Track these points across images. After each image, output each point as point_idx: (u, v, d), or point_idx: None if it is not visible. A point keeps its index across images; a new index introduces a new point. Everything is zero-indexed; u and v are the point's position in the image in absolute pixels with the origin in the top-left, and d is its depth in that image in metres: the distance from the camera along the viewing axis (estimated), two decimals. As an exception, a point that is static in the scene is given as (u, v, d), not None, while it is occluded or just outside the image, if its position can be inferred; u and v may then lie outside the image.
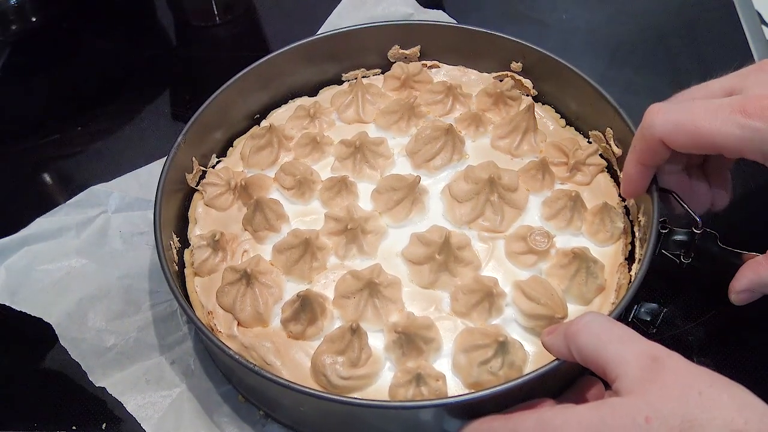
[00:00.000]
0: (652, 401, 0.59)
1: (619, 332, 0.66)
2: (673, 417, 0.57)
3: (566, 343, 0.69)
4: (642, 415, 0.58)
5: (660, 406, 0.58)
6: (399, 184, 0.92)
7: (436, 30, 1.12)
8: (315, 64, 1.11)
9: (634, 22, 1.37)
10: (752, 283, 0.79)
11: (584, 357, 0.67)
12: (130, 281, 0.97)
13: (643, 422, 0.58)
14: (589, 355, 0.66)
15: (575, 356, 0.68)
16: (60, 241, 0.99)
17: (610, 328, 0.67)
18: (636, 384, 0.61)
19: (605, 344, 0.65)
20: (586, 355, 0.67)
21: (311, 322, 0.83)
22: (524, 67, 1.08)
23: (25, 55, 1.39)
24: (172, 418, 0.85)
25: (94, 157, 1.20)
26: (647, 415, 0.58)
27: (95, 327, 0.92)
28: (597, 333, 0.67)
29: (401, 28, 1.12)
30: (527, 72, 1.08)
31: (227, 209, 0.97)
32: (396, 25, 1.12)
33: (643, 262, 0.80)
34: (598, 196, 0.95)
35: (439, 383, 0.77)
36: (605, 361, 0.64)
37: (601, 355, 0.65)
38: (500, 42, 1.07)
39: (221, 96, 1.01)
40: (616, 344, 0.65)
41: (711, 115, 0.73)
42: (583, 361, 0.68)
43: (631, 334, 0.66)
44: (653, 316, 0.83)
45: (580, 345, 0.67)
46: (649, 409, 0.58)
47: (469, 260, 0.87)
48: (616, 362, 0.63)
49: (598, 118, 1.00)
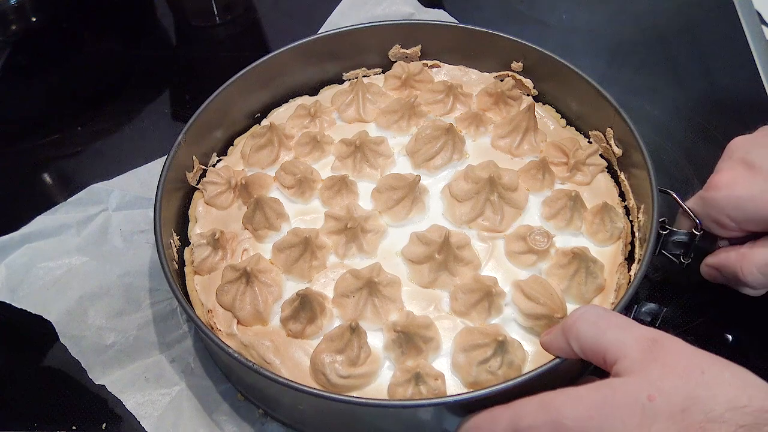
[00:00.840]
0: (654, 380, 0.59)
1: (617, 320, 0.67)
2: (676, 394, 0.57)
3: (565, 336, 0.69)
4: (645, 394, 0.58)
5: (662, 384, 0.58)
6: (399, 184, 0.92)
7: (437, 30, 1.12)
8: (315, 63, 1.11)
9: (634, 22, 1.37)
10: (720, 262, 0.83)
11: (583, 346, 0.67)
12: (130, 279, 0.97)
13: (646, 401, 0.58)
14: (587, 344, 0.66)
15: (574, 348, 0.68)
16: (60, 238, 0.99)
17: (608, 316, 0.67)
18: (637, 364, 0.61)
19: (604, 331, 0.65)
20: (585, 344, 0.67)
21: (311, 320, 0.83)
22: (525, 67, 1.08)
23: (25, 55, 1.39)
24: (171, 416, 0.85)
25: (94, 157, 1.20)
26: (650, 393, 0.58)
27: (95, 325, 0.92)
28: (594, 321, 0.67)
29: (402, 27, 1.12)
30: (528, 72, 1.08)
31: (227, 208, 0.97)
32: (397, 25, 1.12)
33: (643, 263, 0.80)
34: (598, 196, 0.95)
35: (438, 382, 0.77)
36: (605, 348, 0.64)
37: (600, 342, 0.65)
38: (501, 42, 1.08)
39: (222, 95, 1.01)
40: (614, 330, 0.65)
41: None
42: (582, 352, 0.68)
43: (629, 321, 0.66)
44: (653, 317, 0.83)
45: (579, 334, 0.67)
46: (652, 387, 0.58)
47: (468, 260, 0.87)
48: (616, 346, 0.63)
49: (598, 118, 1.00)
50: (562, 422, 0.61)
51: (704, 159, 1.07)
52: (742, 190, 0.79)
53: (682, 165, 1.09)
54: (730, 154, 0.83)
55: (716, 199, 0.81)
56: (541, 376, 0.72)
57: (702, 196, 0.83)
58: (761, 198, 0.77)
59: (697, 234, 0.84)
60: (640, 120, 0.92)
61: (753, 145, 0.82)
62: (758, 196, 0.78)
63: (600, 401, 0.60)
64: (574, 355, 0.69)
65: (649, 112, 1.17)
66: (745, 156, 0.81)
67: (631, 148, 0.93)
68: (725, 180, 0.80)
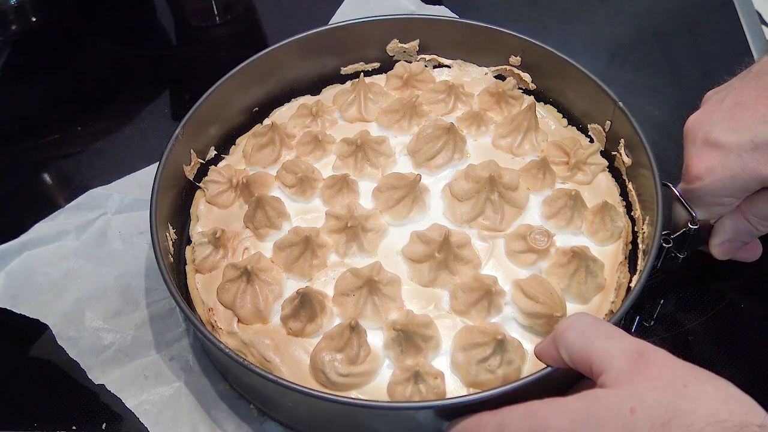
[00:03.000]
0: (636, 392, 0.59)
1: (606, 329, 0.66)
2: (658, 407, 0.57)
3: (555, 345, 0.69)
4: (627, 406, 0.58)
5: (645, 397, 0.58)
6: (400, 183, 0.92)
7: (435, 24, 1.11)
8: (314, 57, 1.11)
9: (634, 22, 1.37)
10: (726, 229, 0.85)
11: (571, 355, 0.67)
12: (128, 280, 0.97)
13: (627, 413, 0.58)
14: (575, 353, 0.66)
15: (563, 357, 0.68)
16: (59, 244, 0.99)
17: (596, 326, 0.67)
18: (622, 376, 0.61)
19: (591, 340, 0.65)
20: (573, 353, 0.67)
21: (311, 319, 0.83)
22: (523, 62, 1.08)
23: (25, 55, 1.39)
24: (170, 413, 0.85)
25: (94, 157, 1.20)
26: (632, 405, 0.58)
27: (93, 326, 0.92)
28: (583, 330, 0.67)
29: (400, 22, 1.12)
30: (526, 67, 1.08)
31: (229, 207, 0.97)
32: (395, 19, 1.12)
33: (643, 275, 0.80)
34: (599, 195, 0.95)
35: (438, 381, 0.77)
36: (590, 357, 0.64)
37: (587, 351, 0.65)
38: (499, 36, 1.08)
39: (220, 89, 1.01)
40: (602, 340, 0.65)
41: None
42: (570, 360, 0.67)
43: (618, 331, 0.66)
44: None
45: (568, 343, 0.67)
46: (634, 399, 0.58)
47: (468, 259, 0.87)
48: (602, 357, 0.63)
49: (597, 112, 1.00)
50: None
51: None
52: (722, 172, 0.79)
53: (682, 164, 1.09)
54: (692, 138, 0.84)
55: (702, 188, 0.81)
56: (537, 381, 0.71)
57: (687, 189, 0.84)
58: (743, 172, 0.78)
59: (693, 228, 0.84)
60: (640, 120, 0.93)
61: (709, 123, 0.82)
62: (738, 172, 0.79)
63: (584, 413, 0.60)
64: (564, 364, 0.69)
65: (649, 112, 1.17)
66: (707, 137, 0.81)
67: (633, 144, 0.94)
68: (701, 169, 0.81)
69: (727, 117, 0.80)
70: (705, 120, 0.83)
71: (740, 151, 0.78)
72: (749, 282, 0.97)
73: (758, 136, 0.77)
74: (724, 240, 0.87)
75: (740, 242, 0.87)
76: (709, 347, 0.92)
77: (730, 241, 0.87)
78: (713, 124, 0.81)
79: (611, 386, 0.61)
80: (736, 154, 0.78)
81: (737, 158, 0.78)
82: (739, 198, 0.82)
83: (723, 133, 0.80)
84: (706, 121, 0.83)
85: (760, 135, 0.77)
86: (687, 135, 0.85)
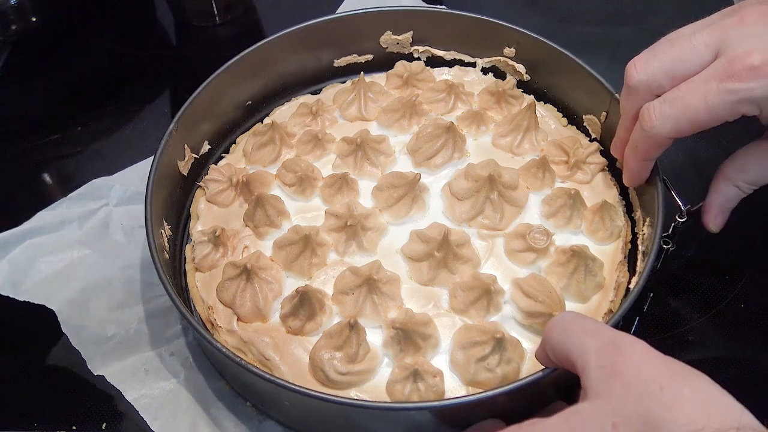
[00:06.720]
0: (616, 405, 0.58)
1: (584, 325, 0.66)
2: (637, 420, 0.56)
3: (542, 345, 0.69)
4: (609, 422, 0.58)
5: (623, 409, 0.57)
6: (399, 182, 0.92)
7: (429, 16, 1.11)
8: (307, 50, 1.10)
9: (634, 22, 1.37)
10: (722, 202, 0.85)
11: (555, 353, 0.67)
12: (131, 272, 0.97)
13: (610, 429, 0.57)
14: (558, 351, 0.66)
15: (550, 356, 0.68)
16: (62, 233, 1.00)
17: (576, 322, 0.66)
18: (600, 383, 0.60)
19: (570, 336, 0.65)
20: (556, 352, 0.66)
21: (310, 317, 0.83)
22: (517, 54, 1.08)
23: (25, 55, 1.39)
24: (170, 408, 0.85)
25: (94, 157, 1.20)
26: (614, 421, 0.57)
27: (97, 315, 0.92)
28: (564, 327, 0.66)
29: (394, 13, 1.11)
30: (520, 59, 1.09)
31: (229, 205, 0.97)
32: (388, 11, 1.11)
33: (642, 276, 0.80)
34: (599, 194, 0.95)
35: (437, 379, 0.77)
36: (569, 353, 0.64)
37: (566, 347, 0.65)
38: (492, 28, 1.08)
39: (213, 84, 1.01)
40: (580, 335, 0.64)
41: (703, 98, 0.74)
42: (556, 359, 0.67)
43: (596, 326, 0.65)
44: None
45: (552, 341, 0.67)
46: (614, 414, 0.58)
47: (468, 257, 0.87)
48: (579, 353, 0.63)
49: (593, 104, 1.00)
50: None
51: (704, 159, 1.07)
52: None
53: (683, 164, 1.09)
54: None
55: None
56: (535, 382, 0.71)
57: (738, 89, 0.73)
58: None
59: (681, 221, 0.85)
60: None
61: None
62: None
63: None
64: (553, 364, 0.68)
65: (649, 112, 1.17)
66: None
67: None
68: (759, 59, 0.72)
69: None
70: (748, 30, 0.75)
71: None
72: (749, 282, 0.96)
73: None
74: (718, 213, 0.86)
75: (730, 210, 0.86)
76: (709, 347, 0.92)
77: (722, 212, 0.85)
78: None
79: (592, 397, 0.60)
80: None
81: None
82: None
83: None
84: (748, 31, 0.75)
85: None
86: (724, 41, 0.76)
